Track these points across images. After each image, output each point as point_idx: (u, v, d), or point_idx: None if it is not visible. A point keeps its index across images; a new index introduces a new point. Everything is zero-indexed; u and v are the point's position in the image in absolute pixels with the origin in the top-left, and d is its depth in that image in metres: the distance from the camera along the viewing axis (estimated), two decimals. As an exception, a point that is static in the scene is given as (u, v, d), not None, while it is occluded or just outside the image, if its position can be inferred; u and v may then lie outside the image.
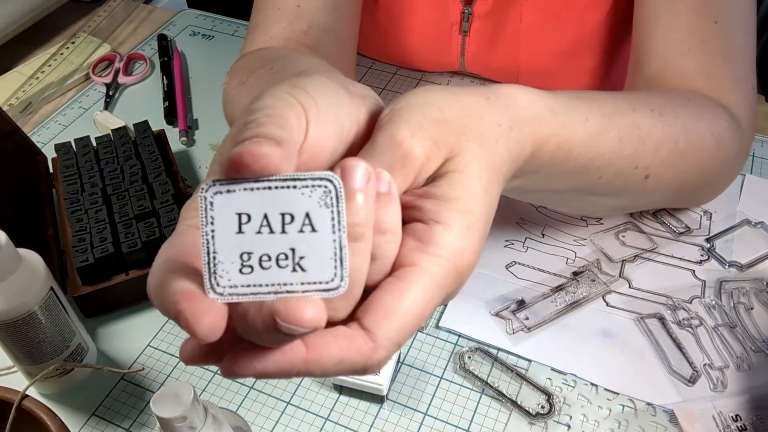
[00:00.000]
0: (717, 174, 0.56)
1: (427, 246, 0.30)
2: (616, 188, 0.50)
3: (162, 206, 0.60)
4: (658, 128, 0.49)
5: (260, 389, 0.52)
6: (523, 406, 0.50)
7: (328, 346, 0.28)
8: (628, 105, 0.48)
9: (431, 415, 0.50)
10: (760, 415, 0.48)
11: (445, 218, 0.31)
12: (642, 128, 0.48)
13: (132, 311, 0.58)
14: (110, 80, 0.82)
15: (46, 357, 0.49)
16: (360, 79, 0.81)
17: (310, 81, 0.31)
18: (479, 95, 0.36)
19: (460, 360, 0.53)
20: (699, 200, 0.62)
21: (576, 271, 0.58)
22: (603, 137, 0.44)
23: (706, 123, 0.52)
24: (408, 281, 0.30)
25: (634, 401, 0.50)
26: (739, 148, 0.56)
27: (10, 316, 0.46)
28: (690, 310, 0.55)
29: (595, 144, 0.44)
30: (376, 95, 0.36)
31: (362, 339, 0.29)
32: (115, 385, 0.53)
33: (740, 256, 0.59)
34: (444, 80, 0.80)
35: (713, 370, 0.51)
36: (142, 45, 0.89)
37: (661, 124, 0.49)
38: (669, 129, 0.49)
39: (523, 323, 0.55)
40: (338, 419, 0.50)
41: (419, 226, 0.31)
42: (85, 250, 0.56)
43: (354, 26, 0.67)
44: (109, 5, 0.95)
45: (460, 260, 0.31)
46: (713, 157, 0.53)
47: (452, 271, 0.31)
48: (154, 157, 0.65)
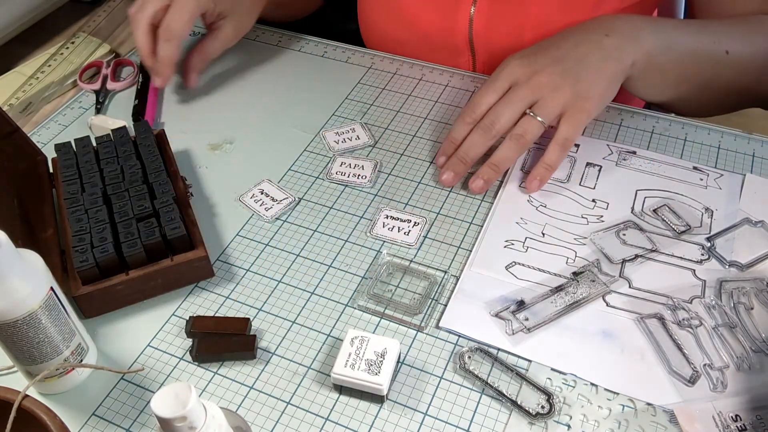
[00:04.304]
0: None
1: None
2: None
3: (162, 206, 0.60)
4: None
5: (260, 389, 0.52)
6: (523, 406, 0.50)
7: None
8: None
9: (431, 415, 0.50)
10: (760, 415, 0.48)
11: None
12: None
13: (132, 311, 0.58)
14: (99, 87, 0.81)
15: (46, 357, 0.49)
16: (360, 79, 0.81)
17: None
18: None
19: (460, 360, 0.53)
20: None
21: (576, 271, 0.58)
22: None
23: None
24: None
25: (634, 401, 0.50)
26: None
27: (10, 316, 0.46)
28: (690, 310, 0.55)
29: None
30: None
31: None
32: (115, 385, 0.53)
33: (740, 255, 0.59)
34: (444, 80, 0.80)
35: (713, 370, 0.51)
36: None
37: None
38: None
39: (523, 324, 0.55)
40: (338, 419, 0.50)
41: None
42: (85, 250, 0.56)
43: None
44: (109, 5, 0.95)
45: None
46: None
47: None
48: (154, 157, 0.65)
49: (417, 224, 0.63)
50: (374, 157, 0.71)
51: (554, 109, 0.63)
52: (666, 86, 0.69)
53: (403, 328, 0.56)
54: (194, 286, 0.60)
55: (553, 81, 0.63)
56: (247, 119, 0.77)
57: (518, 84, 0.64)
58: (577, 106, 0.63)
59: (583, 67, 0.64)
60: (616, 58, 0.64)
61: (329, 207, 0.66)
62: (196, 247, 0.58)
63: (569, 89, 0.63)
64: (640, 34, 0.65)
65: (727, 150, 0.69)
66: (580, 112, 0.63)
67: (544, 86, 0.63)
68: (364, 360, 0.51)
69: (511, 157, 0.64)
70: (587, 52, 0.64)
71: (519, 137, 0.63)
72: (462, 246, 0.62)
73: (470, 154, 0.65)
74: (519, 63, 0.65)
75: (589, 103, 0.63)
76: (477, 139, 0.65)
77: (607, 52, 0.64)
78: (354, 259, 0.61)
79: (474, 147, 0.65)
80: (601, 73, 0.64)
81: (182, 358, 0.55)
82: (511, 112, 0.64)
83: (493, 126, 0.64)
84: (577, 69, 0.63)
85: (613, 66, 0.64)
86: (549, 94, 0.63)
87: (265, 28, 0.90)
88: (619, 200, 0.64)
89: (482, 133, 0.64)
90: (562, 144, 0.64)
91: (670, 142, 0.70)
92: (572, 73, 0.63)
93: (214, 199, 0.68)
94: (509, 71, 0.65)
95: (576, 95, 0.63)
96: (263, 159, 0.71)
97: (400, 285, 0.59)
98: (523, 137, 0.63)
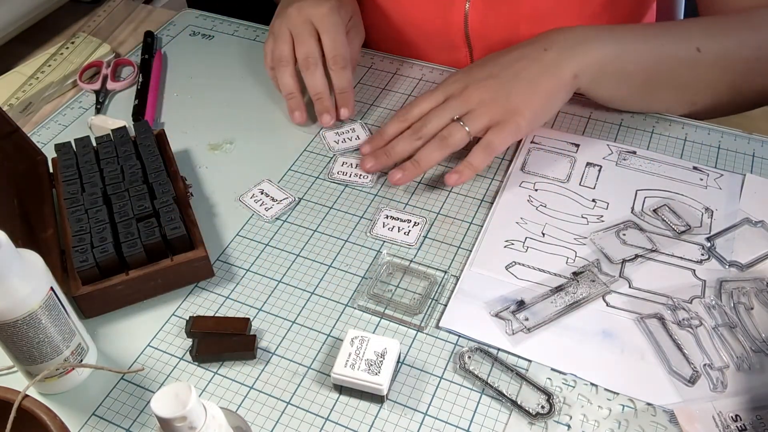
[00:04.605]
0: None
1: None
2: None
3: (162, 206, 0.60)
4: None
5: (260, 389, 0.52)
6: (523, 406, 0.50)
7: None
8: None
9: (431, 415, 0.50)
10: (760, 415, 0.48)
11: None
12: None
13: (132, 311, 0.58)
14: (99, 87, 0.81)
15: (46, 357, 0.49)
16: (360, 79, 0.81)
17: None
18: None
19: (460, 360, 0.53)
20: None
21: (576, 271, 0.58)
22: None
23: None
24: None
25: (634, 401, 0.50)
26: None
27: (10, 316, 0.46)
28: (690, 310, 0.55)
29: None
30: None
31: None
32: (115, 385, 0.53)
33: (740, 255, 0.59)
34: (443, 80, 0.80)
35: (713, 370, 0.51)
36: (141, 46, 0.89)
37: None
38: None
39: (523, 324, 0.55)
40: (338, 419, 0.50)
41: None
42: (85, 250, 0.56)
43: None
44: (109, 5, 0.95)
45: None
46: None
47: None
48: (154, 157, 0.65)
49: (417, 224, 0.63)
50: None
51: (481, 121, 0.64)
52: (633, 93, 0.69)
53: (403, 328, 0.56)
54: (194, 286, 0.60)
55: (485, 95, 0.65)
56: (247, 119, 0.77)
57: (452, 96, 0.67)
58: (506, 120, 0.64)
59: (517, 81, 0.65)
60: (552, 73, 0.65)
61: (329, 207, 0.66)
62: (196, 247, 0.58)
63: (499, 104, 0.64)
64: (584, 46, 0.65)
65: (727, 150, 0.69)
66: (509, 124, 0.64)
67: (475, 100, 0.65)
68: (364, 360, 0.51)
69: (433, 156, 0.65)
70: (524, 67, 0.65)
71: (443, 139, 0.65)
72: (462, 246, 0.62)
73: (396, 149, 0.67)
74: (456, 78, 0.68)
75: (519, 118, 0.64)
76: (406, 138, 0.67)
77: (544, 67, 0.65)
78: (354, 259, 0.61)
79: (400, 145, 0.67)
80: (535, 88, 0.64)
81: (182, 358, 0.55)
82: (439, 120, 0.66)
83: (421, 129, 0.66)
84: (511, 84, 0.65)
85: (549, 80, 0.65)
86: (478, 107, 0.65)
87: (265, 28, 0.90)
88: (619, 200, 0.64)
89: (411, 134, 0.67)
90: (484, 148, 0.64)
91: (670, 142, 0.70)
92: (505, 88, 0.64)
93: (214, 199, 0.68)
94: (447, 84, 0.68)
95: (506, 110, 0.64)
96: (263, 159, 0.71)
97: (400, 285, 0.59)
98: (446, 140, 0.65)
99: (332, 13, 0.71)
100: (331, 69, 0.71)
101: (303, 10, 0.71)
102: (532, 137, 0.71)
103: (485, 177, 0.68)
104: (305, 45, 0.71)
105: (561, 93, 0.66)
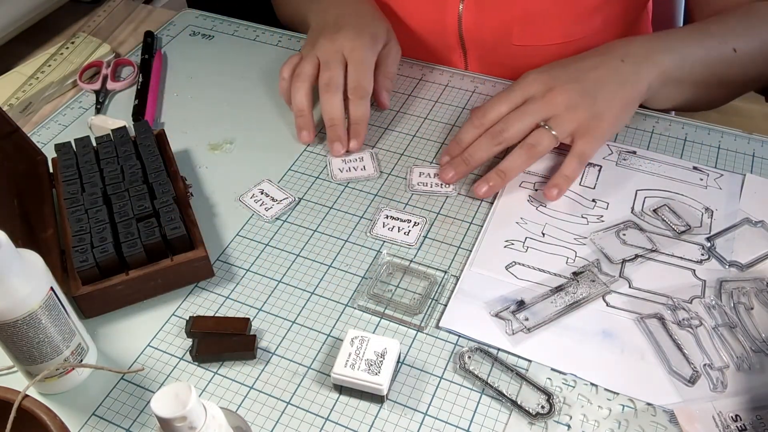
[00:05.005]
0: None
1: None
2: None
3: (162, 206, 0.60)
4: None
5: (260, 389, 0.52)
6: (523, 406, 0.50)
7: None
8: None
9: (431, 415, 0.50)
10: (760, 415, 0.48)
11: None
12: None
13: (132, 311, 0.58)
14: (99, 87, 0.81)
15: (46, 357, 0.49)
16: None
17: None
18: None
19: (460, 360, 0.53)
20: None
21: (576, 271, 0.58)
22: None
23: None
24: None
25: (634, 401, 0.50)
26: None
27: (10, 316, 0.46)
28: (690, 310, 0.55)
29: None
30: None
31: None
32: (115, 385, 0.53)
33: (740, 255, 0.59)
34: (444, 80, 0.80)
35: (713, 370, 0.51)
36: (141, 46, 0.89)
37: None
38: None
39: (523, 324, 0.55)
40: (338, 419, 0.50)
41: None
42: (85, 250, 0.56)
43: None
44: (109, 5, 0.95)
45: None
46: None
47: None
48: (154, 157, 0.65)
49: (417, 224, 0.63)
50: (374, 156, 0.71)
51: (569, 126, 0.63)
52: (687, 96, 0.70)
53: (403, 328, 0.56)
54: (194, 286, 0.60)
55: (571, 99, 0.63)
56: (247, 119, 0.77)
57: (534, 98, 0.64)
58: (593, 126, 0.63)
59: (600, 89, 0.64)
60: (632, 84, 0.64)
61: (329, 207, 0.66)
62: (196, 247, 0.58)
63: (586, 110, 0.63)
64: (655, 57, 0.65)
65: (727, 150, 0.69)
66: (596, 131, 0.63)
67: (560, 103, 0.63)
68: (364, 360, 0.51)
69: (520, 166, 0.64)
70: (605, 76, 0.64)
71: (531, 147, 0.63)
72: (462, 246, 0.62)
73: (475, 157, 0.65)
74: (536, 78, 0.66)
75: (604, 125, 0.63)
76: (484, 143, 0.65)
77: (624, 78, 0.64)
78: (354, 259, 0.61)
79: (480, 151, 0.65)
80: (617, 98, 0.64)
81: (182, 358, 0.55)
82: (522, 124, 0.64)
83: (501, 134, 0.64)
84: (595, 90, 0.64)
85: (629, 91, 0.64)
86: (564, 112, 0.63)
87: (265, 28, 0.90)
88: (619, 200, 0.64)
89: (490, 139, 0.64)
90: (579, 157, 0.63)
91: (670, 142, 0.70)
92: (590, 95, 0.63)
93: (214, 199, 0.68)
94: (526, 85, 0.66)
95: (592, 116, 0.63)
96: (263, 159, 0.71)
97: (400, 285, 0.59)
98: (534, 147, 0.63)
99: (364, 48, 0.70)
100: (350, 97, 0.69)
101: (336, 42, 0.71)
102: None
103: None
104: (331, 71, 0.69)
105: (636, 103, 0.66)
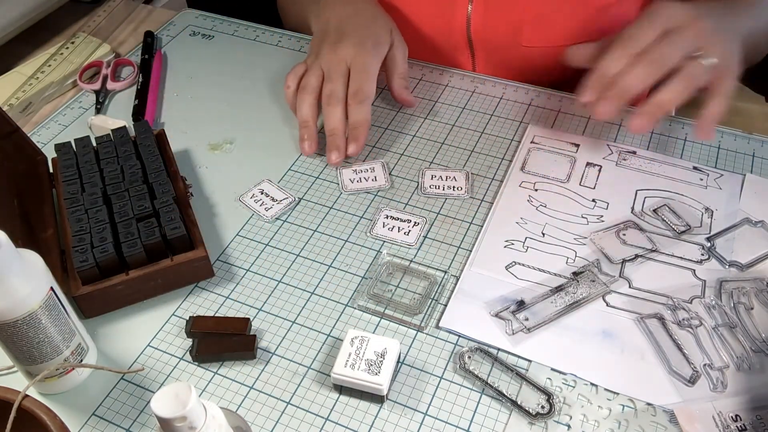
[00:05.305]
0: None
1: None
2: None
3: (162, 206, 0.60)
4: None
5: (260, 389, 0.52)
6: (523, 406, 0.50)
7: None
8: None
9: (431, 415, 0.50)
10: (760, 415, 0.48)
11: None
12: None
13: (132, 311, 0.58)
14: (99, 87, 0.81)
15: (46, 357, 0.49)
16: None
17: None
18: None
19: (460, 360, 0.53)
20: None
21: (576, 271, 0.58)
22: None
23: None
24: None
25: (634, 401, 0.50)
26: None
27: (10, 316, 0.46)
28: (690, 310, 0.55)
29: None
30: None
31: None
32: (115, 385, 0.53)
33: (740, 255, 0.59)
34: (444, 80, 0.80)
35: (713, 370, 0.51)
36: (141, 46, 0.89)
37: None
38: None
39: (523, 324, 0.55)
40: (338, 419, 0.50)
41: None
42: (85, 250, 0.56)
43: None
44: (109, 5, 0.95)
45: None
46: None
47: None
48: (154, 157, 0.65)
49: (417, 224, 0.63)
50: (375, 156, 0.71)
51: (716, 59, 0.59)
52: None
53: (403, 328, 0.56)
54: (194, 286, 0.60)
55: (716, 30, 0.60)
56: (247, 119, 0.77)
57: (682, 27, 0.60)
58: (729, 66, 0.61)
59: (729, 28, 0.63)
60: (736, 35, 0.64)
61: (329, 207, 0.66)
62: (196, 247, 0.58)
63: (725, 47, 0.61)
64: (737, 23, 0.66)
65: (727, 150, 0.69)
66: (734, 69, 0.61)
67: (710, 34, 0.60)
68: (364, 360, 0.51)
69: (677, 100, 0.59)
70: (719, 22, 0.62)
71: (690, 80, 0.59)
72: (462, 246, 0.62)
73: (632, 88, 0.59)
74: (678, 6, 0.61)
75: (736, 67, 0.62)
76: (641, 72, 0.59)
77: (734, 29, 0.64)
78: (354, 259, 0.61)
79: (637, 80, 0.59)
80: (736, 44, 0.63)
81: (182, 358, 0.55)
82: (679, 52, 0.59)
83: (662, 60, 0.59)
84: (724, 29, 0.62)
85: (739, 43, 0.64)
86: (711, 46, 0.60)
87: (265, 28, 0.90)
88: (619, 200, 0.64)
89: (648, 66, 0.59)
90: (725, 95, 0.60)
91: (670, 142, 0.70)
92: (720, 32, 0.61)
93: (214, 199, 0.68)
94: (669, 13, 0.61)
95: (730, 54, 0.61)
96: (263, 159, 0.71)
97: (400, 285, 0.59)
98: (693, 80, 0.59)
99: (366, 54, 0.70)
100: (349, 102, 0.69)
101: (338, 53, 0.70)
102: (532, 137, 0.71)
103: (485, 177, 0.68)
104: (333, 83, 0.69)
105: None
